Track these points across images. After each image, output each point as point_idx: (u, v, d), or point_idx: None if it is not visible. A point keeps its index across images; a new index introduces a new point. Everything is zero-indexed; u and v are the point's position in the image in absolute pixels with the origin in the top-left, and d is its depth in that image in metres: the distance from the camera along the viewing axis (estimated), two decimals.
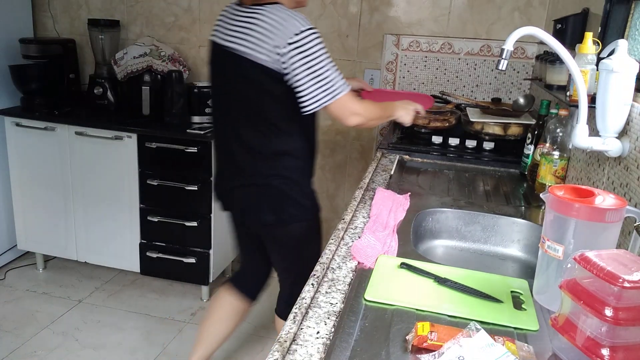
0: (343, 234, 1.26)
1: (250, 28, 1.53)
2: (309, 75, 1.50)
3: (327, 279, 1.04)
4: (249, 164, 1.66)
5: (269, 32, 1.49)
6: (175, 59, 2.85)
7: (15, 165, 2.88)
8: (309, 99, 1.52)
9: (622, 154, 1.22)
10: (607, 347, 0.73)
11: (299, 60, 1.48)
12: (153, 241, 2.77)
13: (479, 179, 1.82)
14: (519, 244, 1.43)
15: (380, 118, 1.74)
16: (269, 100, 1.57)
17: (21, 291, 2.85)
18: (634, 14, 1.44)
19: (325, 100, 1.53)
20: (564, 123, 1.59)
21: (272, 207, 1.67)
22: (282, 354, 0.79)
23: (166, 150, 2.62)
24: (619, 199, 0.93)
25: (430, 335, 0.83)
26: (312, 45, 1.49)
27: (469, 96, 2.67)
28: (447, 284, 1.04)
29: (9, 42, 2.87)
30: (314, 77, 1.51)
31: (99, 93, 2.90)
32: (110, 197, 2.77)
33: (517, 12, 2.58)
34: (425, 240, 1.44)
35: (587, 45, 1.31)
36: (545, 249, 0.97)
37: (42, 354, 2.35)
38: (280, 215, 1.67)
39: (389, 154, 2.01)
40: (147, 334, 2.54)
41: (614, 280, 0.71)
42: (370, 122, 1.67)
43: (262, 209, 1.67)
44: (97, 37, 2.90)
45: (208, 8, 2.93)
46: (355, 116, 1.59)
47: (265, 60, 1.50)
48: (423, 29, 2.70)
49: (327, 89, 1.53)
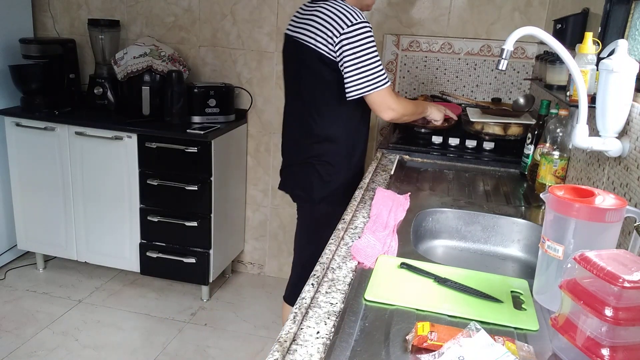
0: (343, 234, 1.26)
1: (313, 19, 1.73)
2: (355, 64, 1.66)
3: (327, 279, 1.03)
4: (297, 145, 1.87)
5: (327, 22, 1.68)
6: (175, 59, 2.85)
7: (15, 165, 2.88)
8: (352, 86, 1.69)
9: (622, 154, 1.22)
10: (607, 347, 0.73)
11: (348, 50, 1.65)
12: (153, 241, 2.77)
13: (479, 179, 1.82)
14: (519, 244, 1.43)
15: (413, 114, 1.88)
16: (321, 86, 1.75)
17: (21, 291, 2.85)
18: (634, 14, 1.44)
19: (366, 89, 1.68)
20: (564, 123, 1.59)
21: (305, 184, 1.85)
22: (282, 354, 0.79)
23: (166, 150, 2.62)
24: (619, 199, 0.93)
25: (430, 335, 0.83)
26: (362, 37, 1.65)
27: (469, 96, 2.67)
28: (447, 284, 1.04)
29: (9, 42, 2.87)
30: (359, 67, 1.66)
31: (99, 93, 2.90)
32: (111, 197, 2.77)
33: (517, 12, 2.58)
34: (425, 240, 1.44)
35: (587, 45, 1.31)
36: (545, 249, 0.97)
37: (42, 354, 2.35)
38: (310, 194, 1.84)
39: (389, 154, 2.01)
40: (147, 334, 2.54)
41: (614, 280, 0.71)
42: (403, 117, 1.81)
43: (296, 185, 1.89)
44: (97, 37, 2.90)
45: (208, 8, 2.93)
46: (391, 111, 1.74)
47: (322, 47, 1.69)
48: (423, 29, 2.70)
49: (369, 79, 1.67)
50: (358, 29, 1.65)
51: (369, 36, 1.67)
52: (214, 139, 2.59)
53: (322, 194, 1.83)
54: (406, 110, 1.81)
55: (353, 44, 1.65)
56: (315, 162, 1.82)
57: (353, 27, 1.65)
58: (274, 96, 2.94)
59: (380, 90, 1.70)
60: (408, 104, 1.84)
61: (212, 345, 2.49)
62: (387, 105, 1.72)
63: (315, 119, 1.79)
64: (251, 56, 2.92)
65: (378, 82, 1.68)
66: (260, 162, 3.06)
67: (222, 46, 2.96)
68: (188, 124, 2.71)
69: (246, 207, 3.13)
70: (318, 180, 1.82)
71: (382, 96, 1.71)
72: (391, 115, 1.75)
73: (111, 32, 2.94)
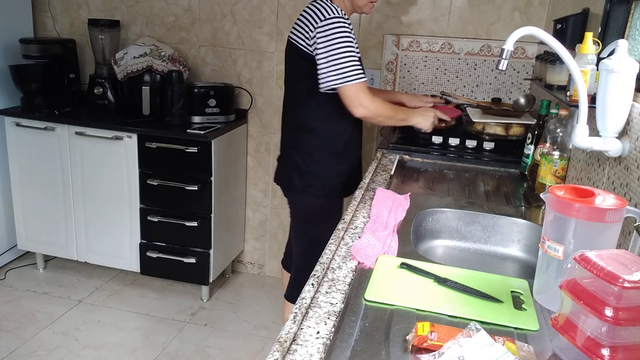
0: (343, 234, 1.25)
1: (299, 18, 1.81)
2: (326, 57, 1.70)
3: (327, 279, 1.03)
4: (284, 137, 1.96)
5: (306, 19, 1.76)
6: (175, 59, 2.85)
7: (15, 165, 2.88)
8: (322, 78, 1.73)
9: (622, 154, 1.22)
10: (607, 347, 0.73)
11: (321, 43, 1.70)
12: (153, 241, 2.77)
13: (479, 179, 1.82)
14: (519, 244, 1.43)
15: (390, 118, 1.85)
16: (302, 79, 1.81)
17: (21, 291, 2.84)
18: (634, 14, 1.44)
19: (336, 82, 1.71)
20: (564, 123, 1.59)
21: (287, 174, 1.91)
22: (282, 354, 0.79)
23: (166, 150, 2.62)
24: (619, 199, 0.93)
25: (431, 335, 0.83)
26: (335, 31, 1.68)
27: (469, 96, 2.67)
28: (447, 284, 1.04)
29: (9, 42, 2.87)
30: (330, 60, 1.69)
31: (99, 93, 2.90)
32: (111, 197, 2.77)
33: (517, 12, 2.58)
34: (425, 240, 1.44)
35: (587, 45, 1.31)
36: (546, 249, 0.97)
37: (42, 354, 2.35)
38: (291, 183, 1.90)
39: (389, 154, 2.01)
40: (147, 334, 2.54)
41: (614, 280, 0.71)
42: (377, 118, 1.80)
43: (280, 176, 1.96)
44: (97, 37, 2.90)
45: (208, 8, 2.93)
46: (363, 108, 1.73)
47: (301, 42, 1.77)
48: (423, 29, 2.69)
49: (339, 73, 1.69)
50: (331, 23, 1.69)
51: (343, 31, 1.69)
52: (214, 139, 2.59)
53: (302, 183, 1.87)
54: (381, 112, 1.78)
55: (326, 37, 1.69)
56: (293, 152, 1.88)
57: (327, 22, 1.69)
58: (274, 96, 2.94)
59: (352, 85, 1.71)
60: (385, 107, 1.82)
61: (212, 345, 2.49)
62: (358, 101, 1.72)
63: (296, 110, 1.86)
64: (251, 56, 2.92)
65: (349, 76, 1.70)
66: (260, 162, 3.06)
67: (222, 46, 2.96)
68: (188, 124, 2.71)
69: (246, 207, 3.13)
70: (295, 169, 1.87)
71: (354, 91, 1.71)
72: (362, 112, 1.74)
73: (111, 32, 2.94)
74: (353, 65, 1.70)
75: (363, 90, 1.73)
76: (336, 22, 1.69)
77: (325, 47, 1.70)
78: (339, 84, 1.71)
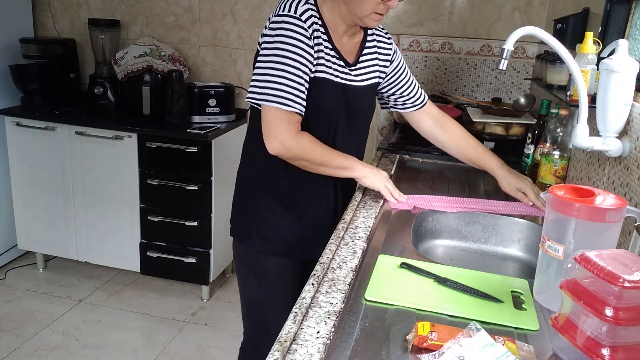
0: (343, 234, 1.25)
1: None
2: (256, 66, 1.33)
3: (327, 278, 1.03)
4: None
5: None
6: (175, 59, 2.85)
7: (15, 165, 2.88)
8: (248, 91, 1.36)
9: (622, 154, 1.22)
10: (607, 347, 0.73)
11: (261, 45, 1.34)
12: (153, 241, 2.77)
13: (479, 179, 1.82)
14: (519, 244, 1.43)
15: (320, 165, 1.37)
16: None
17: (21, 291, 2.85)
18: (634, 14, 1.44)
19: (251, 98, 1.32)
20: (564, 123, 1.59)
21: None
22: (282, 353, 0.79)
23: (166, 150, 2.62)
24: (620, 198, 0.93)
25: (431, 335, 0.83)
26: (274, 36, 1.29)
27: (469, 96, 2.67)
28: (448, 284, 1.04)
29: (9, 42, 2.87)
30: (256, 68, 1.32)
31: (99, 93, 2.90)
32: (111, 197, 2.77)
33: (517, 12, 2.58)
34: (425, 240, 1.44)
35: (587, 45, 1.31)
36: (546, 249, 0.97)
37: (42, 354, 2.35)
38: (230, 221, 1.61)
39: (389, 154, 2.01)
40: (147, 334, 2.54)
41: (614, 280, 0.71)
42: (298, 161, 1.35)
43: None
44: (98, 37, 2.90)
45: (208, 8, 2.93)
46: (277, 142, 1.30)
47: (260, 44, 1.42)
48: (423, 29, 2.69)
49: (259, 87, 1.30)
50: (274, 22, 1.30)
51: (283, 38, 1.27)
52: (214, 138, 2.59)
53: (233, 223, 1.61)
54: (305, 155, 1.33)
55: (263, 41, 1.32)
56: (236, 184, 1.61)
57: (272, 21, 1.31)
58: None
59: (268, 108, 1.29)
60: (315, 151, 1.34)
61: (212, 345, 2.49)
62: (274, 133, 1.29)
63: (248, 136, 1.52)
64: (251, 56, 2.92)
65: (269, 95, 1.28)
66: None
67: (222, 46, 2.96)
68: (188, 123, 2.71)
69: None
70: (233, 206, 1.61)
71: (271, 118, 1.29)
72: (276, 146, 1.30)
73: (111, 31, 2.94)
74: (280, 85, 1.27)
75: (285, 120, 1.29)
76: (280, 25, 1.28)
77: (258, 54, 1.33)
78: (255, 100, 1.31)
